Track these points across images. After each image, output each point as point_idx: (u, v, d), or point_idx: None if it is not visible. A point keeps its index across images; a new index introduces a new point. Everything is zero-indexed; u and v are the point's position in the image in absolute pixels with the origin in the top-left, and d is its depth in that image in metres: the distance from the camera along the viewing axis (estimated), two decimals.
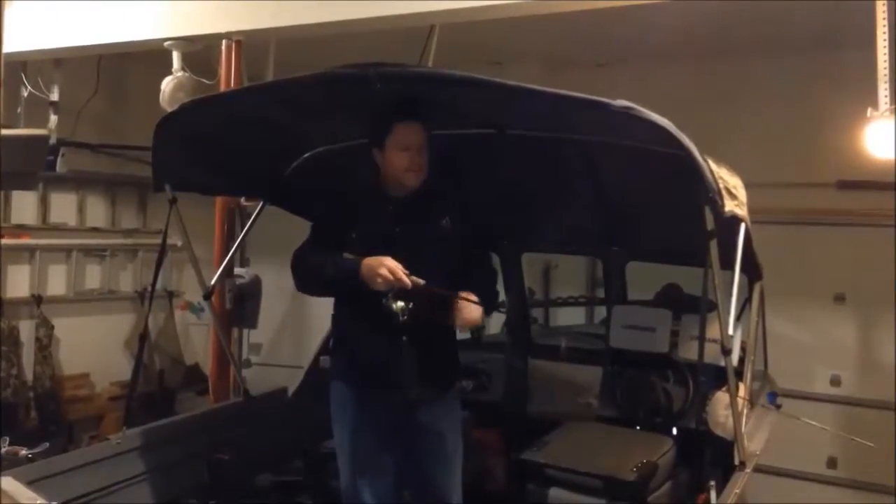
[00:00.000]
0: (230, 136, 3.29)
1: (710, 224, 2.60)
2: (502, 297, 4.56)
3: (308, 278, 3.03)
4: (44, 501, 1.65)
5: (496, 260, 4.55)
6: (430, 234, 3.00)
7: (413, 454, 3.07)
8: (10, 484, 1.69)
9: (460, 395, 3.22)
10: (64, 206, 6.43)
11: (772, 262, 3.85)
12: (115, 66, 6.04)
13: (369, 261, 2.79)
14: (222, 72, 4.32)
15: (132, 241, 6.87)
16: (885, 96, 3.20)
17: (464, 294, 2.90)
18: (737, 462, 2.94)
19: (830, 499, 5.39)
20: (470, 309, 2.91)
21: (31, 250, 6.16)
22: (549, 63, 5.83)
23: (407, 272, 2.78)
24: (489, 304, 3.10)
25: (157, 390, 6.66)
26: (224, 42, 4.29)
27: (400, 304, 2.79)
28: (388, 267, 2.76)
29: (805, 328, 5.58)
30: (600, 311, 5.60)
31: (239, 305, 4.42)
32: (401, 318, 2.80)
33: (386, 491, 3.02)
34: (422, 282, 2.79)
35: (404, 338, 2.91)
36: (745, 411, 3.24)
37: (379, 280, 2.77)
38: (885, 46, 3.24)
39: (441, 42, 4.37)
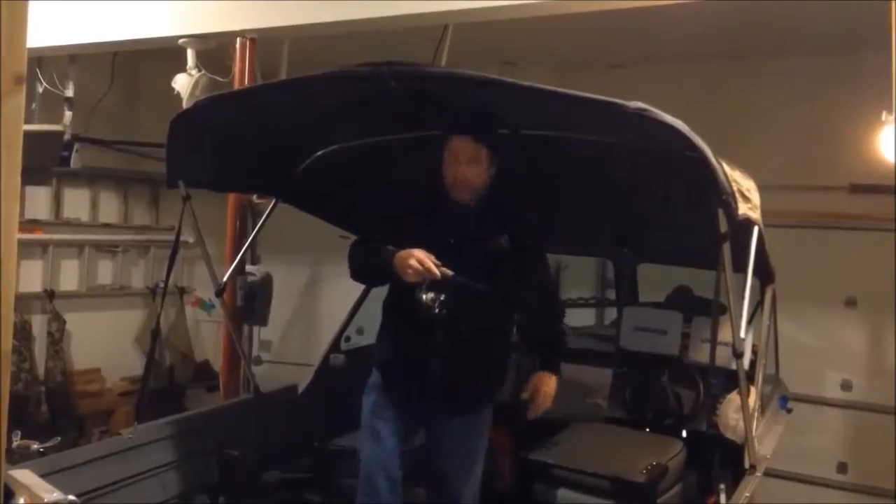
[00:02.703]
0: (243, 134, 3.30)
1: (723, 227, 2.59)
2: None
3: (355, 267, 3.05)
4: (61, 494, 1.65)
5: None
6: (486, 246, 2.96)
7: (433, 453, 3.07)
8: (27, 476, 1.69)
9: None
10: (77, 202, 6.46)
11: (784, 265, 3.83)
12: (129, 62, 6.07)
13: (401, 253, 2.78)
14: (236, 69, 4.33)
15: (144, 237, 6.90)
16: None
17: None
18: (747, 465, 2.93)
19: None
20: (545, 393, 3.06)
21: (44, 245, 6.19)
22: (562, 63, 5.83)
23: (438, 263, 2.74)
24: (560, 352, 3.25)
25: (167, 386, 6.69)
26: (238, 40, 4.30)
27: (430, 294, 2.74)
28: (418, 258, 2.74)
29: (816, 332, 5.55)
30: (610, 313, 5.60)
31: (250, 303, 4.43)
32: (434, 310, 2.76)
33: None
34: (450, 272, 2.75)
35: (446, 340, 2.87)
36: (755, 415, 3.23)
37: (409, 271, 2.75)
38: None
39: (454, 42, 4.37)
